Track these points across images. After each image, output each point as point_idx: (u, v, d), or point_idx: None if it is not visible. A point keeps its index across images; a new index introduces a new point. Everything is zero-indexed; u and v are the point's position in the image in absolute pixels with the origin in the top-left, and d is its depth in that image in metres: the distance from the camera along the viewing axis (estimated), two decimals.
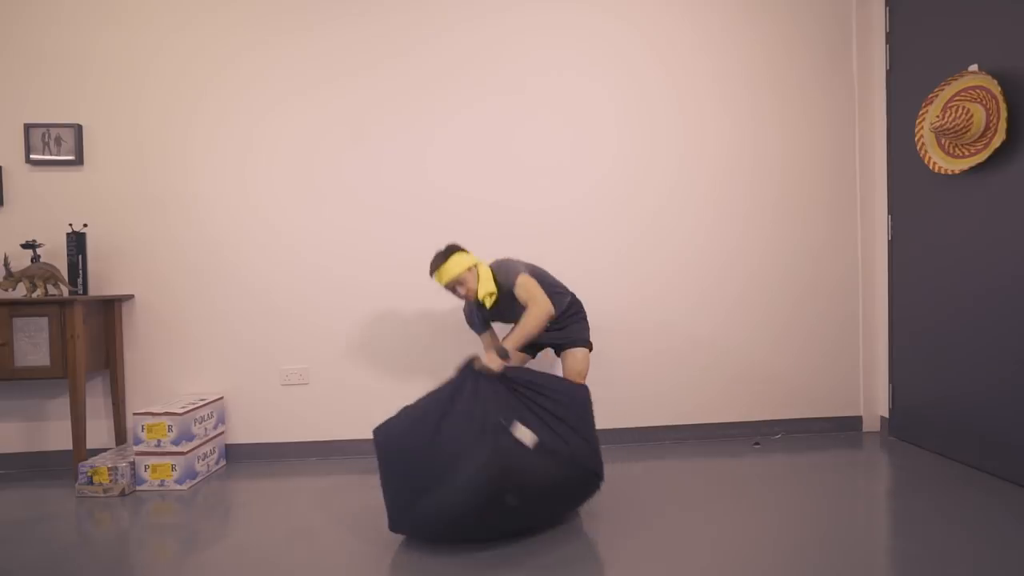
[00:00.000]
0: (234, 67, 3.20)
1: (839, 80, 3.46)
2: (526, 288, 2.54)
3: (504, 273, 2.61)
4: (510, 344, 2.43)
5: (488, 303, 2.62)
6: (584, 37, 3.34)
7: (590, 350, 2.76)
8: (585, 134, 3.34)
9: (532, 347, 2.83)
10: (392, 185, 3.27)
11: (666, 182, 3.39)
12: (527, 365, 2.98)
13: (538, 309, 2.48)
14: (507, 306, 2.69)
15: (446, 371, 3.29)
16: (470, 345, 3.26)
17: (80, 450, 2.88)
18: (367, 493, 2.74)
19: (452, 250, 2.62)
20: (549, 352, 3.25)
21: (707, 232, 3.42)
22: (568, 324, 2.77)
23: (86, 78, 3.15)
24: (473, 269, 2.63)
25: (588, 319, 2.83)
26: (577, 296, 2.99)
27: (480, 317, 2.80)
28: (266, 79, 3.21)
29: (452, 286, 2.62)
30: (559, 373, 3.00)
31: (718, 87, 3.40)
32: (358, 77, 3.24)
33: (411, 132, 3.27)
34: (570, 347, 2.74)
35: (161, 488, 2.84)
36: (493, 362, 2.31)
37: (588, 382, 3.33)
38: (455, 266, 2.59)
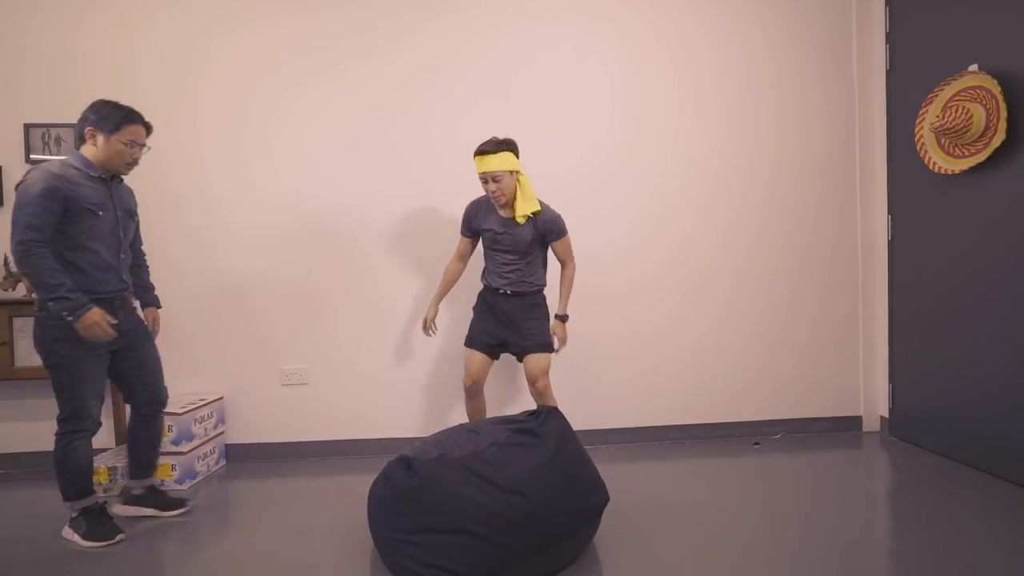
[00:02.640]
0: (234, 67, 3.20)
1: (839, 80, 3.46)
2: (569, 247, 2.73)
3: (555, 221, 2.70)
4: (565, 306, 2.76)
5: (521, 221, 2.62)
6: (586, 19, 3.31)
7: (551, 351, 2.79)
8: (585, 131, 3.34)
9: (495, 348, 2.80)
10: (391, 183, 3.27)
11: (664, 181, 3.38)
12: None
13: (574, 271, 2.72)
14: (524, 240, 2.66)
15: (445, 371, 3.29)
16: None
17: None
18: (366, 493, 2.73)
19: (508, 144, 2.58)
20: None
21: (705, 232, 3.41)
22: (533, 318, 2.74)
23: (86, 78, 3.14)
24: (515, 175, 2.61)
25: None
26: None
27: (477, 223, 2.75)
28: (266, 79, 3.20)
29: (487, 177, 2.56)
30: (521, 376, 2.96)
31: (717, 86, 3.40)
32: (358, 76, 3.24)
33: (409, 128, 3.27)
34: (535, 351, 2.71)
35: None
36: (562, 331, 2.76)
37: (587, 382, 3.33)
38: (503, 161, 2.55)
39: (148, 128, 2.34)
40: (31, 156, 3.10)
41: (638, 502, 2.55)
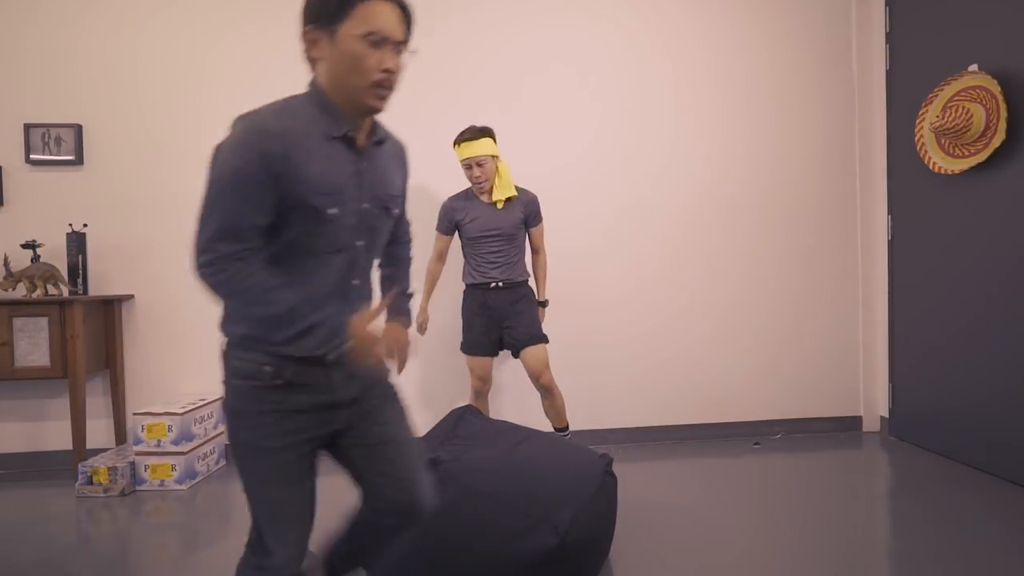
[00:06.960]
0: (237, 67, 3.19)
1: (839, 80, 3.46)
2: (543, 236, 2.78)
3: (536, 202, 2.78)
4: (544, 292, 2.86)
5: (500, 205, 2.70)
6: (586, 22, 3.33)
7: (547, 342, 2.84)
8: (584, 131, 3.34)
9: (494, 345, 2.83)
10: None
11: (665, 180, 3.38)
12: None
13: (546, 259, 2.82)
14: (513, 223, 2.71)
15: (442, 372, 3.29)
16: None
17: (80, 450, 2.88)
18: None
19: (487, 131, 2.67)
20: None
21: (705, 232, 3.41)
22: (524, 310, 2.79)
23: (86, 78, 3.14)
24: (495, 159, 2.70)
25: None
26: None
27: (460, 217, 2.76)
28: (268, 80, 3.20)
29: (471, 163, 2.64)
30: (520, 369, 2.98)
31: (716, 86, 3.40)
32: None
33: (411, 127, 3.26)
34: (531, 344, 2.77)
35: (161, 488, 2.84)
36: (542, 316, 2.82)
37: (586, 381, 3.33)
38: (486, 146, 2.64)
39: (403, 8, 1.22)
40: (31, 156, 3.10)
41: (638, 502, 2.55)
